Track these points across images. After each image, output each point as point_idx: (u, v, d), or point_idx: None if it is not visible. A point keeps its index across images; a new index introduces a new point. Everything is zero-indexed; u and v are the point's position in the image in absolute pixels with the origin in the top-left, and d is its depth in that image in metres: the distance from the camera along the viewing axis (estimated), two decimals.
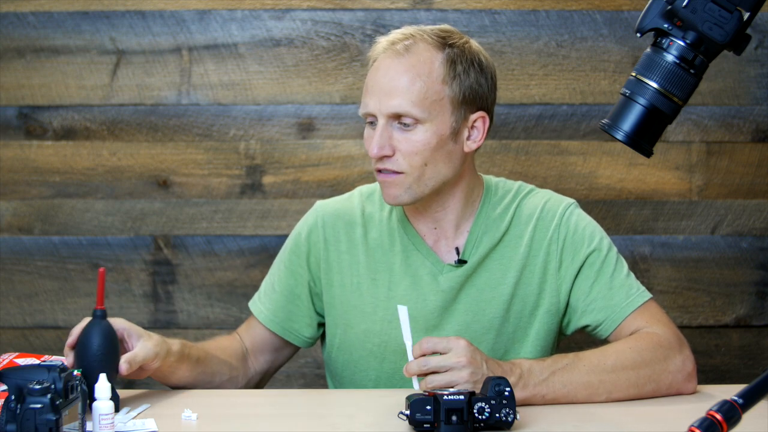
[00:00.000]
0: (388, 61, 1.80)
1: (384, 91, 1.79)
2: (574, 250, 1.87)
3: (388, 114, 1.78)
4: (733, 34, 1.35)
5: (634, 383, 1.72)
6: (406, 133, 1.79)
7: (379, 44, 1.84)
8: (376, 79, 1.80)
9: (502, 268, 1.87)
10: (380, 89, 1.79)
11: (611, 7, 2.56)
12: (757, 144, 2.58)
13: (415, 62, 1.79)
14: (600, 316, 1.84)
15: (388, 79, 1.79)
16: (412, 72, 1.79)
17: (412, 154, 1.78)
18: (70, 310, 2.58)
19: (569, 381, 1.69)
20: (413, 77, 1.79)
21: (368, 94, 1.81)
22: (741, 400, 1.14)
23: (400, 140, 1.79)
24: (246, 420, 1.64)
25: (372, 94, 1.80)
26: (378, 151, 1.78)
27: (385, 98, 1.78)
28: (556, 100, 2.57)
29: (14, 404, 1.35)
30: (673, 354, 1.76)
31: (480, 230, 1.88)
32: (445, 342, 1.65)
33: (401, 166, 1.79)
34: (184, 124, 2.57)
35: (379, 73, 1.80)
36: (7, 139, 2.56)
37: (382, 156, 1.78)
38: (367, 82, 1.82)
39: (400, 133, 1.79)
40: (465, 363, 1.62)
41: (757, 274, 2.61)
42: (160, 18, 2.56)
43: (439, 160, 1.80)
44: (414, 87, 1.78)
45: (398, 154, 1.79)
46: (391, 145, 1.79)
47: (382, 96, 1.79)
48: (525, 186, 1.95)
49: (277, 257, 1.98)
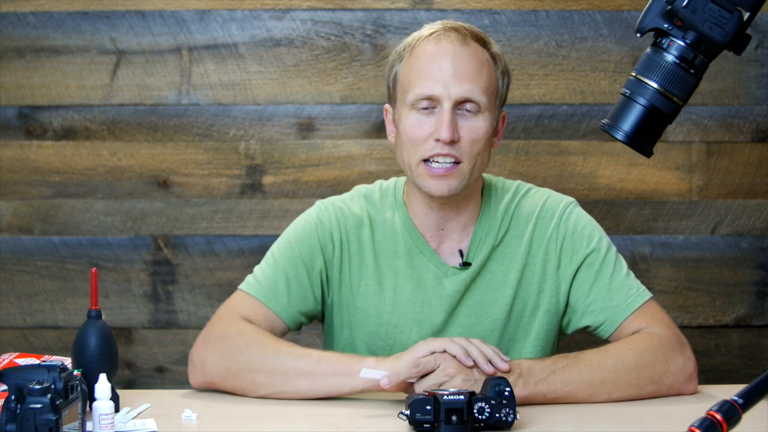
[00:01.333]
0: (451, 46, 1.79)
1: (454, 75, 1.77)
2: (573, 249, 1.87)
3: (458, 98, 1.77)
4: (733, 34, 1.35)
5: (635, 384, 1.72)
6: (470, 119, 1.79)
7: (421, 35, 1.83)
8: (442, 63, 1.78)
9: (504, 269, 1.87)
10: (449, 73, 1.78)
11: (611, 7, 2.56)
12: (757, 144, 2.58)
13: (475, 52, 1.80)
14: (600, 317, 1.84)
15: (458, 63, 1.78)
16: (478, 60, 1.80)
17: (473, 142, 1.78)
18: (70, 310, 2.58)
19: (570, 380, 1.69)
20: (480, 65, 1.80)
21: (431, 78, 1.78)
22: (741, 400, 1.14)
23: (464, 127, 1.78)
24: (246, 420, 1.64)
25: (435, 78, 1.78)
26: (451, 135, 1.76)
27: (456, 83, 1.77)
28: (556, 100, 2.57)
29: (14, 404, 1.35)
30: (675, 355, 1.76)
31: (483, 231, 1.88)
32: (432, 360, 1.66)
33: (462, 154, 1.78)
34: (184, 124, 2.57)
35: (445, 57, 1.78)
36: (7, 139, 2.56)
37: (450, 141, 1.76)
38: (426, 66, 1.79)
39: (465, 120, 1.79)
40: (453, 373, 1.63)
41: (757, 274, 2.61)
42: (160, 18, 2.56)
43: (485, 151, 1.82)
44: (482, 75, 1.79)
45: (461, 141, 1.78)
46: (457, 132, 1.78)
47: (452, 80, 1.77)
48: (524, 185, 1.94)
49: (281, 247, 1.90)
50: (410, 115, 1.80)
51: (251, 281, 1.88)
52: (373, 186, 1.96)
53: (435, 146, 1.77)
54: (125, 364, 2.58)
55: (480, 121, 1.79)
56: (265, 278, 1.87)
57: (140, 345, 2.59)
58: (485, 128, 1.80)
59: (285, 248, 1.89)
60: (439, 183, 1.78)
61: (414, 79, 1.80)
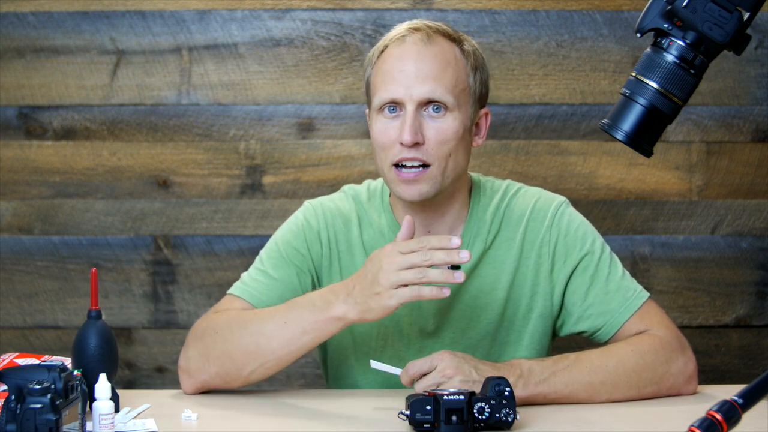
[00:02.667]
0: (414, 48, 1.77)
1: (415, 77, 1.75)
2: (567, 252, 1.84)
3: (420, 99, 1.74)
4: (733, 34, 1.35)
5: (635, 385, 1.72)
6: (436, 120, 1.76)
7: (388, 38, 1.81)
8: (403, 65, 1.76)
9: (495, 272, 1.85)
10: (409, 75, 1.75)
11: (611, 7, 2.56)
12: (757, 144, 2.58)
13: (440, 51, 1.78)
14: (598, 321, 1.82)
15: (420, 65, 1.75)
16: (442, 58, 1.77)
17: (440, 143, 1.75)
18: (70, 310, 2.58)
19: (570, 381, 1.69)
20: (444, 64, 1.77)
21: (392, 81, 1.76)
22: (741, 400, 1.14)
23: (430, 128, 1.75)
24: (246, 420, 1.64)
25: (398, 81, 1.76)
26: (412, 137, 1.73)
27: (418, 84, 1.75)
28: (556, 100, 2.57)
29: (14, 404, 1.35)
30: (675, 356, 1.76)
31: (472, 233, 1.85)
32: (429, 361, 1.65)
33: (429, 157, 1.75)
34: (184, 124, 2.57)
35: (406, 59, 1.76)
36: (7, 139, 2.56)
37: (414, 144, 1.74)
38: (388, 70, 1.77)
39: (431, 121, 1.76)
40: (451, 374, 1.62)
41: (757, 274, 2.60)
42: (160, 18, 2.56)
43: (460, 151, 1.78)
44: (446, 73, 1.76)
45: (427, 143, 1.75)
46: (422, 133, 1.75)
47: (412, 82, 1.75)
48: (513, 185, 1.91)
49: (269, 249, 1.89)
50: (378, 119, 1.79)
51: (238, 284, 1.87)
52: (361, 186, 1.94)
53: (401, 150, 1.75)
54: (125, 364, 2.58)
55: (448, 120, 1.76)
56: (252, 280, 1.86)
57: (140, 345, 2.59)
58: (454, 128, 1.76)
59: (272, 250, 1.88)
60: (410, 188, 1.76)
61: (379, 84, 1.78)
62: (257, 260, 1.90)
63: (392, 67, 1.77)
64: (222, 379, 1.73)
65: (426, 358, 1.66)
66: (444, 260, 1.58)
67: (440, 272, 1.58)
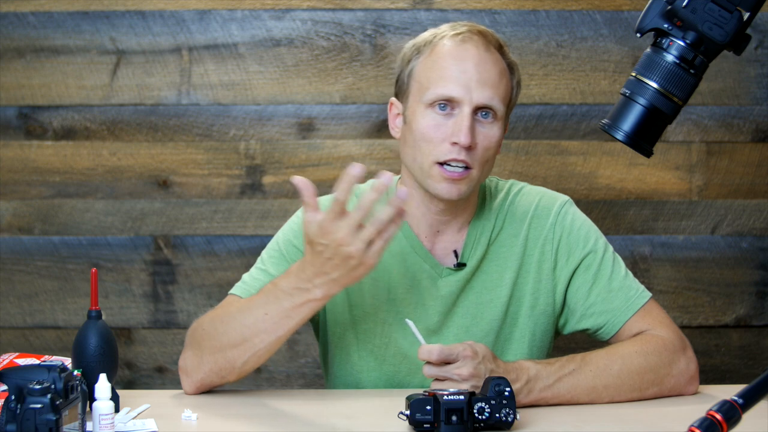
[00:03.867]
0: (476, 51, 1.77)
1: (477, 80, 1.76)
2: (570, 250, 1.86)
3: (479, 104, 1.76)
4: (733, 34, 1.35)
5: (637, 387, 1.72)
6: (486, 127, 1.78)
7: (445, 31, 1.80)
8: (466, 65, 1.76)
9: (499, 269, 1.86)
10: (471, 77, 1.76)
11: (611, 7, 2.56)
12: (757, 144, 2.58)
13: (497, 60, 1.80)
14: (600, 320, 1.83)
15: (482, 69, 1.76)
16: (499, 68, 1.79)
17: (486, 149, 1.77)
18: (70, 310, 2.58)
19: (574, 386, 1.69)
20: (501, 73, 1.79)
21: (452, 80, 1.76)
22: (741, 400, 1.14)
23: (479, 133, 1.77)
24: (246, 420, 1.64)
25: (457, 81, 1.76)
26: (471, 140, 1.74)
27: (478, 87, 1.75)
28: (556, 100, 2.57)
29: (14, 404, 1.35)
30: (678, 357, 1.77)
31: (478, 231, 1.87)
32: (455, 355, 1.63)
33: (474, 161, 1.76)
34: (184, 124, 2.57)
35: (469, 61, 1.76)
36: (7, 139, 2.56)
37: (468, 147, 1.75)
38: (447, 66, 1.77)
39: (480, 127, 1.77)
40: (466, 377, 1.61)
41: (757, 274, 2.61)
42: (160, 18, 2.56)
43: (493, 159, 1.81)
44: (502, 83, 1.79)
45: (476, 147, 1.77)
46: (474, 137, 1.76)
47: (473, 84, 1.75)
48: (517, 183, 1.93)
49: (269, 249, 1.90)
50: (426, 113, 1.78)
51: (240, 284, 1.88)
52: (365, 185, 1.94)
53: (451, 150, 1.75)
54: (125, 364, 2.58)
55: (495, 128, 1.78)
56: (253, 279, 1.86)
57: (140, 345, 2.59)
58: (498, 136, 1.79)
59: (273, 249, 1.89)
60: (451, 187, 1.77)
61: (435, 78, 1.78)
62: (259, 260, 1.91)
63: (451, 64, 1.77)
64: (217, 374, 1.73)
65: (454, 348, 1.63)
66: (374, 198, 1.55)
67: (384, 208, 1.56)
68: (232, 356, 1.71)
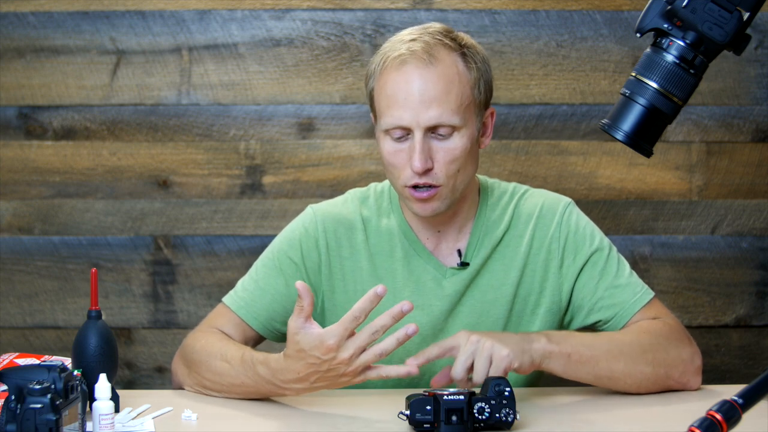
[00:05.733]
0: (417, 71, 1.74)
1: (420, 103, 1.73)
2: (576, 248, 1.88)
3: (427, 126, 1.74)
4: (733, 34, 1.35)
5: (650, 362, 1.74)
6: (444, 142, 1.76)
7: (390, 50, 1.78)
8: (408, 90, 1.74)
9: (504, 268, 1.87)
10: (415, 101, 1.73)
11: (611, 7, 2.56)
12: (757, 144, 2.58)
13: (443, 69, 1.75)
14: (608, 313, 1.86)
15: (424, 89, 1.74)
16: (445, 80, 1.75)
17: (449, 163, 1.76)
18: (70, 310, 2.58)
19: (592, 345, 1.72)
20: (447, 85, 1.75)
21: (398, 107, 1.74)
22: (741, 400, 1.14)
23: (437, 150, 1.75)
24: (246, 420, 1.64)
25: (404, 107, 1.74)
26: (423, 165, 1.73)
27: (423, 110, 1.73)
28: (556, 100, 2.57)
29: (14, 404, 1.35)
30: (685, 345, 1.80)
31: (480, 231, 1.88)
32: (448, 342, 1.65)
33: (439, 179, 1.76)
34: (184, 124, 2.57)
35: (411, 84, 1.74)
36: (7, 139, 2.56)
37: (424, 171, 1.74)
38: (393, 93, 1.75)
39: (438, 143, 1.76)
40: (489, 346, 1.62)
41: (757, 274, 2.61)
42: (160, 18, 2.56)
43: (468, 163, 1.79)
44: (451, 96, 1.75)
45: (436, 165, 1.76)
46: (431, 158, 1.75)
47: (419, 108, 1.73)
48: (520, 187, 1.95)
49: (264, 257, 1.92)
50: (386, 140, 1.79)
51: (231, 293, 1.92)
52: (366, 189, 1.95)
53: (413, 176, 1.76)
54: (125, 364, 2.58)
55: (455, 140, 1.76)
56: (244, 289, 1.90)
57: (140, 345, 2.59)
58: (462, 145, 1.76)
59: (267, 258, 1.91)
60: (424, 206, 1.78)
61: (384, 107, 1.77)
62: (254, 267, 1.93)
63: (395, 91, 1.75)
64: (203, 390, 1.79)
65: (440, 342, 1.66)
66: (388, 325, 1.57)
67: (392, 338, 1.57)
68: (213, 391, 1.77)
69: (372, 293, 1.56)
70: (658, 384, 1.76)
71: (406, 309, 1.55)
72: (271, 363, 1.64)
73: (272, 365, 1.64)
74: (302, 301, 1.56)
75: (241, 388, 1.71)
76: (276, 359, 1.64)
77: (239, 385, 1.71)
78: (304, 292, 1.56)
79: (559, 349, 1.68)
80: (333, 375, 1.59)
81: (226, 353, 1.75)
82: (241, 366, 1.70)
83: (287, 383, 1.63)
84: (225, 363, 1.73)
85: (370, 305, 1.56)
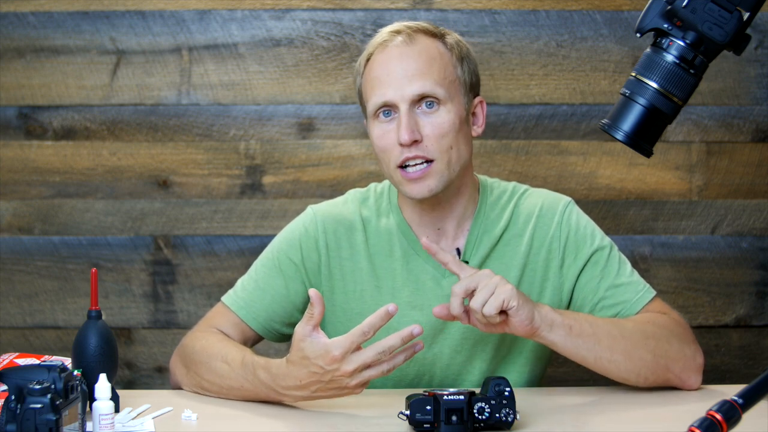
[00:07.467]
0: (397, 50, 1.79)
1: (403, 77, 1.77)
2: (577, 248, 1.87)
3: (412, 97, 1.76)
4: (733, 34, 1.35)
5: (651, 350, 1.74)
6: (431, 116, 1.78)
7: (372, 45, 1.83)
8: (390, 68, 1.78)
9: (504, 267, 1.87)
10: (398, 76, 1.77)
11: (611, 7, 2.56)
12: (757, 144, 2.58)
13: (423, 48, 1.80)
14: (610, 313, 1.85)
15: (405, 65, 1.78)
16: (426, 55, 1.79)
17: (439, 137, 1.77)
18: (70, 310, 2.58)
19: (594, 322, 1.73)
20: (430, 59, 1.79)
21: (382, 85, 1.78)
22: (741, 400, 1.14)
23: (426, 124, 1.77)
24: (246, 420, 1.64)
25: (387, 84, 1.78)
26: (410, 136, 1.74)
27: (407, 83, 1.77)
28: (556, 100, 2.57)
29: (14, 404, 1.35)
30: (689, 342, 1.80)
31: (479, 230, 1.88)
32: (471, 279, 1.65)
33: (431, 152, 1.77)
34: (184, 124, 2.57)
35: (392, 62, 1.78)
36: (7, 139, 2.57)
37: (412, 142, 1.75)
38: (377, 75, 1.79)
39: (425, 117, 1.77)
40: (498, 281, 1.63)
41: (757, 274, 2.61)
42: (160, 18, 2.56)
43: (461, 143, 1.80)
44: (433, 68, 1.78)
45: (426, 139, 1.77)
46: (419, 131, 1.76)
47: (402, 82, 1.77)
48: (520, 186, 1.94)
49: (264, 257, 1.93)
50: (375, 125, 1.81)
51: (231, 292, 1.92)
52: (366, 190, 1.96)
53: (403, 151, 1.77)
54: (125, 364, 2.58)
55: (442, 114, 1.78)
56: (243, 289, 1.91)
57: (140, 345, 2.59)
58: (450, 120, 1.78)
59: (267, 258, 1.92)
60: (417, 186, 1.78)
61: (370, 90, 1.81)
62: (253, 266, 1.94)
63: (379, 72, 1.80)
64: (200, 391, 1.80)
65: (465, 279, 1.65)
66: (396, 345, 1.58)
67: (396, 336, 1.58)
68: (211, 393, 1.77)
69: (383, 311, 1.57)
70: (658, 375, 1.75)
71: (416, 332, 1.57)
72: (272, 368, 1.65)
73: (273, 371, 1.65)
74: (313, 309, 1.57)
75: (240, 392, 1.72)
76: (278, 365, 1.64)
77: (238, 389, 1.71)
78: (317, 300, 1.57)
79: (561, 319, 1.69)
80: (334, 387, 1.60)
81: (226, 355, 1.75)
82: (242, 369, 1.70)
83: (287, 389, 1.64)
84: (225, 365, 1.73)
85: (381, 322, 1.57)
